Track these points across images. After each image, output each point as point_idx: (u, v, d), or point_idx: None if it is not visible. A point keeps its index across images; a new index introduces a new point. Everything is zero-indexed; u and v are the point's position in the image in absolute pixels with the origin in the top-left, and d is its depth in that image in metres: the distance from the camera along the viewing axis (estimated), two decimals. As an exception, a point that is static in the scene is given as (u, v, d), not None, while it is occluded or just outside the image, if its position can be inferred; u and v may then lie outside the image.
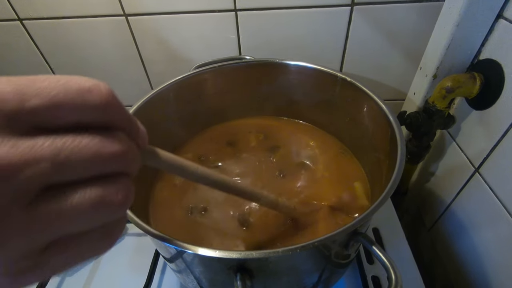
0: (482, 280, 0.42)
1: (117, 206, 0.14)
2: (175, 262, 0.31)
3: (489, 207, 0.40)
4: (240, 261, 0.24)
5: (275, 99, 0.49)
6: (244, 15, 0.49)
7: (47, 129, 0.12)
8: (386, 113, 0.35)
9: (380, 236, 0.47)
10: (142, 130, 0.17)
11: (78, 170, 0.13)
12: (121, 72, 0.58)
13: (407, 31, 0.48)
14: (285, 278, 0.28)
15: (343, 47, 0.51)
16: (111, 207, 0.14)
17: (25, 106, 0.12)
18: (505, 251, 0.39)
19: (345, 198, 0.38)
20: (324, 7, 0.47)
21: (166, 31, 0.52)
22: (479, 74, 0.40)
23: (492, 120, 0.40)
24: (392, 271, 0.22)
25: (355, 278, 0.42)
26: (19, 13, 0.51)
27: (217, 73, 0.45)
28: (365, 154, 0.43)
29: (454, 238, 0.48)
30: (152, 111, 0.40)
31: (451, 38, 0.41)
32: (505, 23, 0.37)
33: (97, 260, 0.46)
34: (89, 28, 0.52)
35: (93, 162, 0.13)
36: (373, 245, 0.24)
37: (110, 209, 0.14)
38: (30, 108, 0.12)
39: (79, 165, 0.13)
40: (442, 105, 0.43)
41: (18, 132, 0.12)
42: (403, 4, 0.45)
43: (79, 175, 0.13)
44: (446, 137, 0.50)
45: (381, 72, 0.54)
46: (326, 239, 0.23)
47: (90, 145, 0.13)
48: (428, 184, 0.55)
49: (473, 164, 0.43)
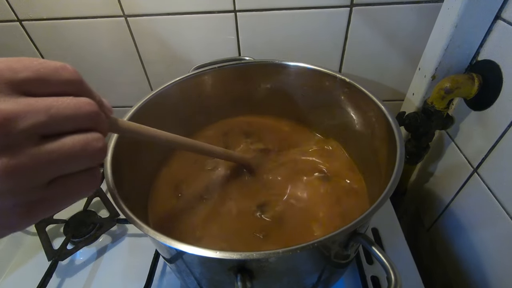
0: (481, 280, 0.43)
1: (99, 150, 0.18)
2: (175, 263, 0.31)
3: (487, 207, 0.40)
4: (240, 262, 0.24)
5: (274, 99, 0.49)
6: (243, 16, 0.49)
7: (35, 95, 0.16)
8: (385, 114, 0.35)
9: (379, 236, 0.47)
10: (106, 103, 0.21)
11: (66, 121, 0.17)
12: (121, 73, 0.58)
13: (406, 32, 0.48)
14: (285, 278, 0.28)
15: (342, 48, 0.51)
16: (95, 149, 0.18)
17: (18, 76, 0.16)
18: (503, 250, 0.39)
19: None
20: (323, 8, 0.47)
21: (166, 32, 0.52)
22: (477, 75, 0.40)
23: (490, 121, 0.40)
24: (392, 271, 0.22)
25: (355, 278, 0.42)
26: (18, 14, 0.51)
27: (216, 74, 0.45)
28: (364, 154, 0.43)
29: (453, 238, 0.49)
30: (151, 112, 0.40)
31: (450, 39, 0.41)
32: (503, 24, 0.37)
33: (97, 261, 0.46)
34: (89, 29, 0.52)
35: (76, 116, 0.17)
36: (372, 245, 0.24)
37: (94, 151, 0.18)
38: (21, 78, 0.16)
39: (66, 117, 0.17)
40: (440, 106, 0.43)
41: (16, 94, 0.16)
42: (401, 5, 0.45)
43: (67, 126, 0.17)
44: (445, 137, 0.50)
45: (380, 73, 0.54)
46: (325, 239, 0.23)
47: (72, 103, 0.17)
48: (427, 184, 0.56)
49: (472, 165, 0.43)
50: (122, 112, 0.38)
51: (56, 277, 0.44)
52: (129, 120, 0.36)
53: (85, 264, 0.46)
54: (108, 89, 0.61)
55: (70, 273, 0.45)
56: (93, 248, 0.48)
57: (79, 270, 0.45)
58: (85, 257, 0.47)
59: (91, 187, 0.19)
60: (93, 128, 0.18)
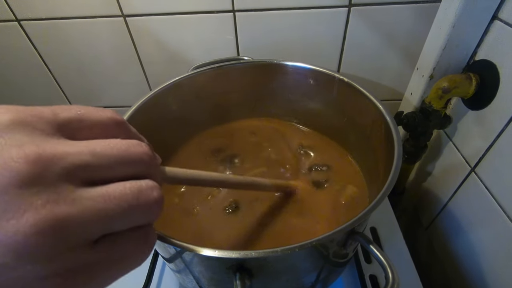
0: (479, 278, 0.43)
1: (155, 201, 0.15)
2: (174, 262, 0.31)
3: (485, 206, 0.41)
4: (239, 261, 0.24)
5: (272, 99, 0.50)
6: (242, 16, 0.49)
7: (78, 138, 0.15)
8: (383, 113, 0.35)
9: (377, 235, 0.48)
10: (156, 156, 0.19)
11: (114, 164, 0.14)
12: (120, 73, 0.58)
13: (404, 32, 0.48)
14: (284, 277, 0.28)
15: (340, 48, 0.52)
16: (150, 199, 0.15)
17: (59, 117, 0.14)
18: (501, 248, 0.39)
19: None
20: (321, 8, 0.47)
21: (165, 32, 0.52)
22: (475, 74, 0.41)
23: (487, 120, 0.40)
24: (390, 270, 0.22)
25: (353, 277, 0.42)
26: (16, 14, 0.51)
27: (215, 74, 0.45)
28: (362, 154, 0.43)
29: (451, 237, 0.49)
30: (150, 112, 0.40)
31: (447, 39, 0.41)
32: (500, 24, 0.38)
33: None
34: (87, 29, 0.52)
35: (126, 158, 0.15)
36: (370, 244, 0.24)
37: (149, 201, 0.15)
38: (62, 118, 0.15)
39: (115, 158, 0.14)
40: (438, 105, 0.44)
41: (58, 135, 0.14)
42: (400, 5, 0.46)
43: (115, 170, 0.14)
44: (442, 137, 0.50)
45: (378, 73, 0.54)
46: (324, 238, 0.23)
47: (121, 143, 0.15)
48: (425, 183, 0.56)
49: (469, 164, 0.44)
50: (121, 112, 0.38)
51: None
52: (128, 120, 0.36)
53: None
54: (107, 89, 0.61)
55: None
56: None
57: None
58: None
59: (144, 251, 0.16)
60: (146, 175, 0.16)
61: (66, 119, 0.15)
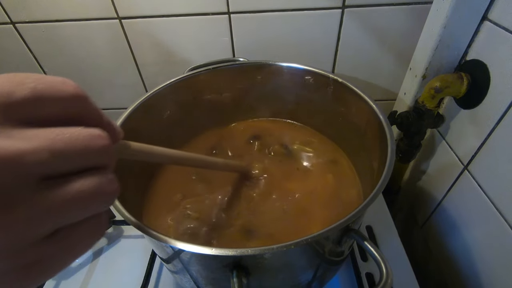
0: (473, 275, 0.43)
1: (111, 195, 0.16)
2: (172, 262, 0.31)
3: (478, 203, 0.41)
4: (236, 258, 0.24)
5: (268, 100, 0.50)
6: (237, 18, 0.49)
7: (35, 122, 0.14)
8: (377, 112, 0.35)
9: (373, 234, 0.48)
10: (115, 126, 0.18)
11: (73, 159, 0.14)
12: (116, 74, 0.58)
13: (397, 33, 0.49)
14: (281, 275, 0.29)
15: (335, 49, 0.52)
16: (106, 195, 0.15)
17: (12, 98, 0.13)
18: (494, 245, 0.40)
19: None
20: (315, 9, 0.48)
21: (160, 33, 0.52)
22: (466, 74, 0.41)
23: (479, 119, 0.41)
24: (383, 264, 0.23)
25: (350, 275, 0.42)
26: (11, 17, 0.51)
27: (211, 75, 0.46)
28: (357, 152, 0.44)
29: (446, 234, 0.50)
30: (146, 114, 0.40)
31: (439, 40, 0.42)
32: (490, 25, 0.38)
33: (93, 263, 0.46)
34: (83, 31, 0.52)
35: (86, 151, 0.14)
36: (364, 240, 0.25)
37: (106, 197, 0.15)
38: (16, 100, 0.13)
39: (74, 153, 0.14)
40: (431, 105, 0.44)
41: (10, 125, 0.13)
42: (392, 7, 0.46)
43: (73, 165, 0.14)
44: (436, 136, 0.51)
45: (372, 73, 0.55)
46: (319, 235, 0.23)
47: (81, 136, 0.14)
48: (420, 182, 0.56)
49: (462, 162, 0.44)
50: (117, 114, 0.38)
51: (52, 280, 0.44)
52: (124, 121, 0.37)
53: (81, 266, 0.46)
54: (103, 90, 0.61)
55: (66, 275, 0.45)
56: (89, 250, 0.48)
57: (75, 273, 0.45)
58: (81, 259, 0.47)
59: (97, 236, 0.16)
60: (103, 166, 0.15)
61: (20, 100, 0.13)
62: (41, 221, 0.13)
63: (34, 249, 0.13)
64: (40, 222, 0.13)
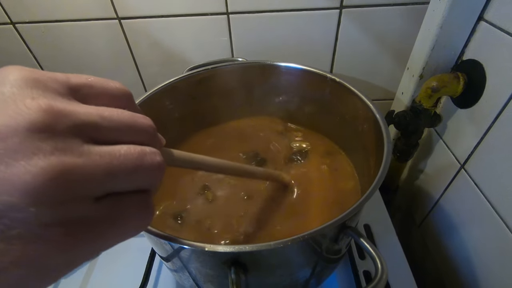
0: (470, 273, 0.44)
1: (157, 165, 0.16)
2: (171, 260, 0.31)
3: (474, 202, 0.42)
4: (234, 255, 0.24)
5: (267, 99, 0.50)
6: (236, 18, 0.50)
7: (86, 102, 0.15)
8: (374, 112, 0.36)
9: (371, 232, 0.48)
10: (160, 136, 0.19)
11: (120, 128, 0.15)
12: (115, 74, 0.58)
13: (394, 33, 0.50)
14: (278, 272, 0.29)
15: (333, 49, 0.53)
16: (153, 163, 0.15)
17: (71, 80, 0.15)
18: (490, 243, 0.40)
19: None
20: (313, 10, 0.48)
21: (159, 34, 0.52)
22: (462, 74, 0.42)
23: (475, 118, 0.41)
24: (378, 260, 0.23)
25: (347, 273, 0.43)
26: (11, 17, 0.51)
27: (210, 75, 0.46)
28: (355, 152, 0.44)
29: (443, 233, 0.50)
30: (145, 114, 0.40)
31: (436, 40, 0.42)
32: (486, 25, 0.39)
33: (93, 261, 0.47)
34: (82, 32, 0.52)
35: (132, 125, 0.15)
36: (361, 237, 0.25)
37: (152, 165, 0.15)
38: (74, 82, 0.15)
39: (121, 123, 0.15)
40: (428, 104, 0.45)
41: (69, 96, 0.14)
42: (389, 7, 0.47)
43: (121, 134, 0.15)
44: (433, 135, 0.51)
45: (370, 73, 0.56)
46: (315, 232, 0.24)
47: (127, 113, 0.15)
48: (418, 181, 0.57)
49: (459, 161, 0.45)
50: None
51: (51, 278, 0.44)
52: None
53: (81, 265, 0.46)
54: (103, 91, 0.61)
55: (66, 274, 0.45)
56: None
57: (74, 271, 0.45)
58: (81, 258, 0.47)
59: (145, 218, 0.16)
60: (149, 145, 0.16)
61: (77, 83, 0.15)
62: (92, 171, 0.13)
63: (82, 206, 0.13)
64: (91, 173, 0.13)
